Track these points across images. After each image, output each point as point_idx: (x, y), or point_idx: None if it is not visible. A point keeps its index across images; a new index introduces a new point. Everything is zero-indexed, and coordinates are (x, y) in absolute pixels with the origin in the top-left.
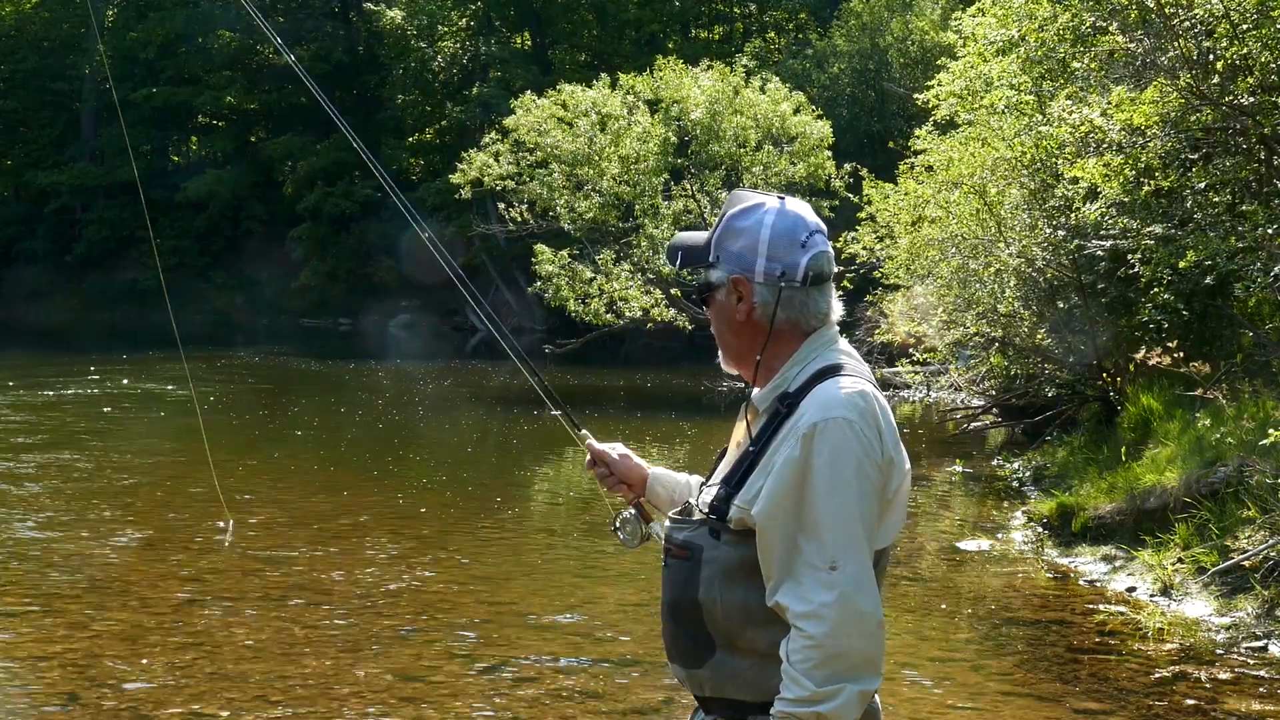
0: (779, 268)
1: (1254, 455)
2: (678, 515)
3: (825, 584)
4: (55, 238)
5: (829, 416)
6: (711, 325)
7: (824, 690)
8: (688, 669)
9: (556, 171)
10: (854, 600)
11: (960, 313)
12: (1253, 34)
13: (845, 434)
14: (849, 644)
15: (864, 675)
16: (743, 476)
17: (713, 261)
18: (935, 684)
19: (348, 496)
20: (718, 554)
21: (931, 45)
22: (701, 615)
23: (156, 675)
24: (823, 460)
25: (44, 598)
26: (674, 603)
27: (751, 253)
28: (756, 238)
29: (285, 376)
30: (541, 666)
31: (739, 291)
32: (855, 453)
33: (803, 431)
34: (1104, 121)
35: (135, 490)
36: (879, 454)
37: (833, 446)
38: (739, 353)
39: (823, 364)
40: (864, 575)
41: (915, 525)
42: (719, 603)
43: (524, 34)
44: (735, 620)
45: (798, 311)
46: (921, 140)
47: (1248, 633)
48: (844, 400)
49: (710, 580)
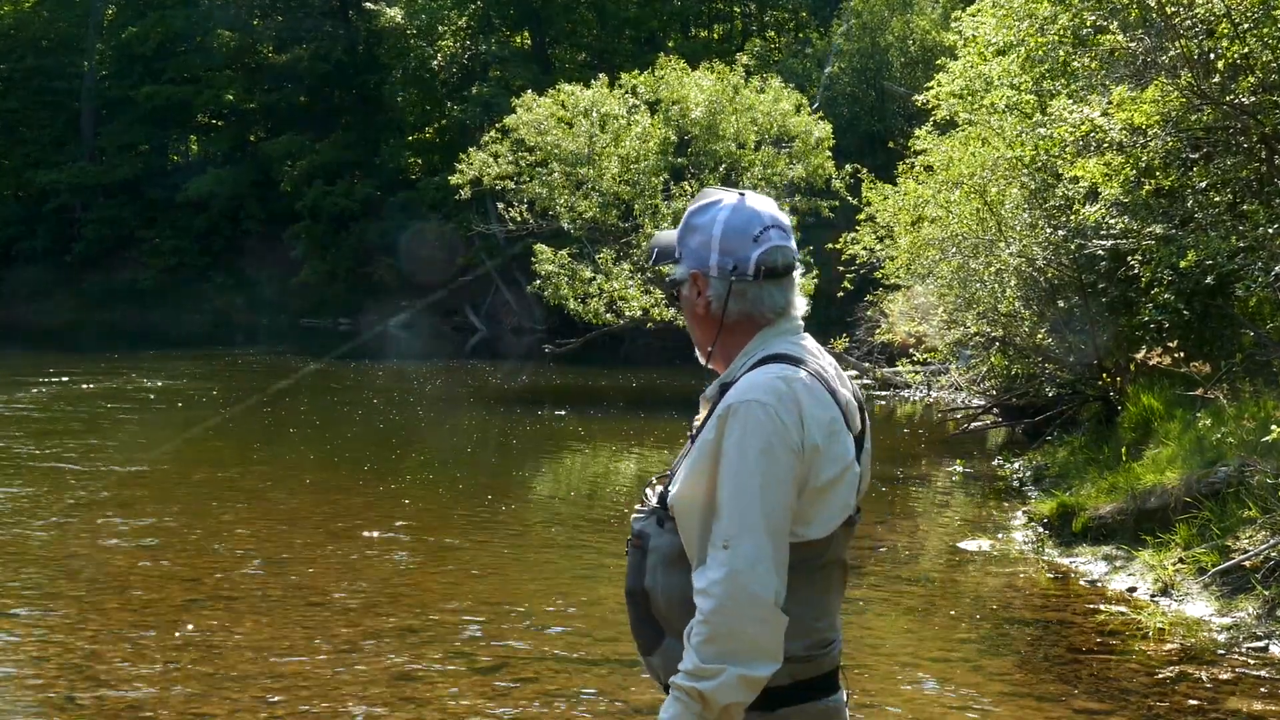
0: (731, 261)
1: (1255, 455)
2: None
3: (718, 562)
4: (55, 237)
5: (743, 399)
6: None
7: (707, 668)
8: (644, 656)
9: (556, 171)
10: (743, 580)
11: (960, 312)
12: (1254, 33)
13: (756, 415)
14: (735, 624)
15: (750, 659)
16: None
17: (677, 258)
18: (935, 684)
19: (347, 496)
20: (661, 542)
21: (932, 45)
22: (649, 602)
23: (156, 675)
24: (731, 441)
25: (44, 598)
26: (629, 591)
27: (706, 248)
28: (710, 233)
29: (285, 376)
30: (541, 666)
31: (698, 286)
32: (764, 435)
33: (719, 413)
34: (1104, 121)
35: (135, 490)
36: (795, 440)
37: (742, 427)
38: (701, 346)
39: (765, 353)
40: (759, 556)
41: (915, 525)
42: (663, 591)
43: (524, 33)
44: (677, 607)
45: (750, 304)
46: (921, 140)
47: (1248, 633)
48: (763, 385)
49: (654, 568)
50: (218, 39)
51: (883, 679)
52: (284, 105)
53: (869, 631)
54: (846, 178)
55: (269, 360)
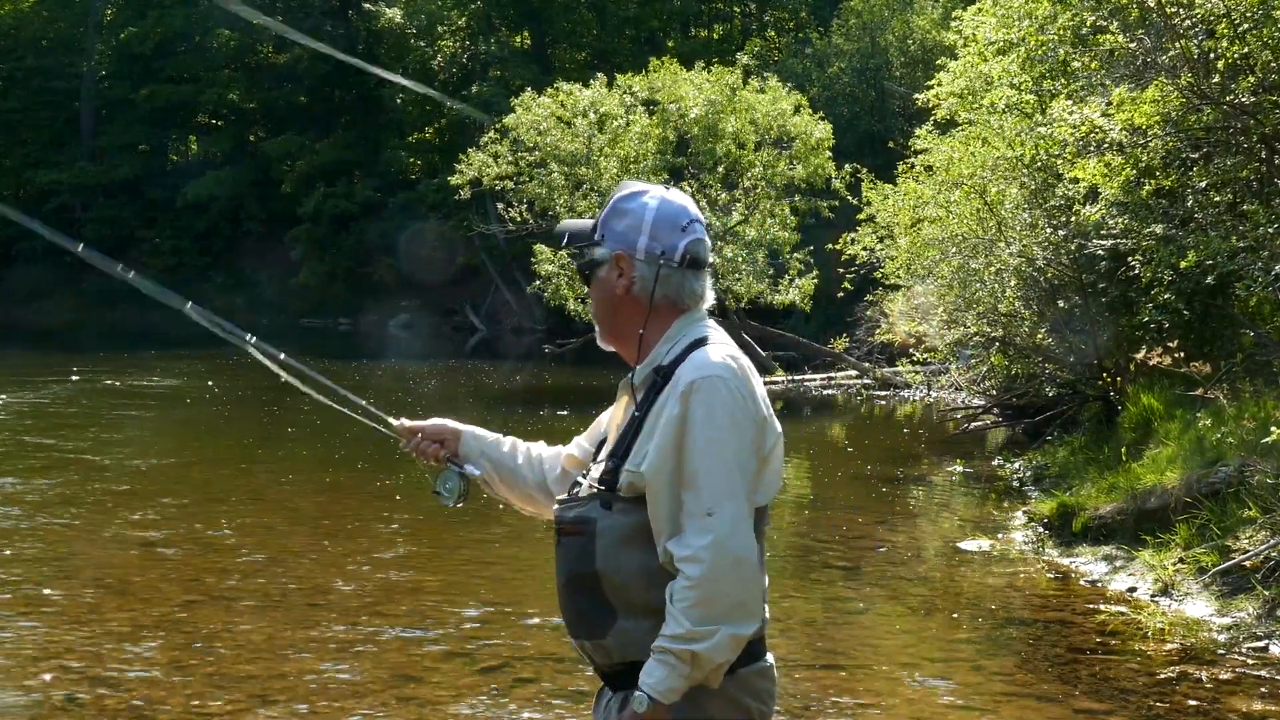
0: (659, 247)
1: (1255, 455)
2: (565, 498)
3: (702, 529)
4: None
5: (704, 375)
6: (590, 304)
7: (700, 630)
8: (593, 640)
9: (556, 171)
10: (728, 544)
11: (960, 312)
12: (1253, 33)
13: (720, 390)
14: (724, 587)
15: (738, 619)
16: (628, 446)
17: (598, 240)
18: (935, 684)
19: (346, 496)
20: (611, 523)
21: (932, 45)
22: (600, 584)
23: (156, 675)
24: (699, 415)
25: (44, 598)
26: (571, 577)
27: (635, 231)
28: (640, 218)
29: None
30: (541, 666)
31: (620, 267)
32: (729, 407)
33: (680, 390)
34: (1104, 121)
35: (135, 489)
36: (753, 411)
37: (708, 401)
38: (614, 328)
39: (692, 338)
40: (739, 520)
41: (915, 525)
42: (619, 570)
43: (524, 33)
44: (636, 584)
45: (674, 290)
46: (921, 140)
47: (1248, 633)
48: (717, 362)
49: (606, 550)
50: (217, 38)
51: (883, 679)
52: (284, 105)
53: (869, 631)
54: (846, 178)
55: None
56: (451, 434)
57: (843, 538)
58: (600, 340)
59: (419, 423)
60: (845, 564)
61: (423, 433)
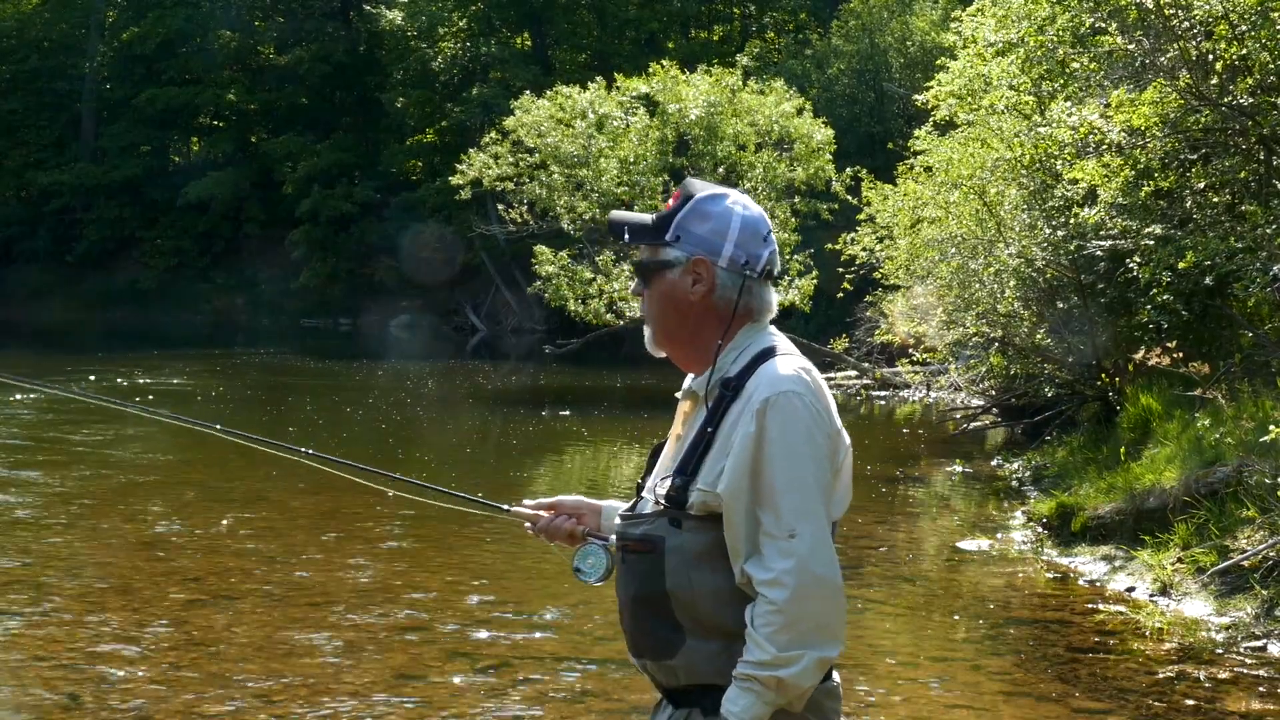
0: (744, 256)
1: (1253, 455)
2: (628, 513)
3: (784, 551)
4: (55, 238)
5: (779, 391)
6: (646, 305)
7: (785, 655)
8: (659, 661)
9: (556, 172)
10: (811, 566)
11: (960, 313)
12: (1252, 35)
13: (796, 406)
14: (809, 609)
15: (823, 641)
16: (698, 462)
17: (670, 240)
18: (935, 684)
19: (346, 496)
20: (681, 542)
21: (931, 46)
22: (671, 605)
23: (156, 675)
24: (776, 433)
25: (44, 598)
26: (639, 597)
27: (719, 237)
28: (726, 224)
29: (285, 376)
30: (541, 667)
31: (697, 272)
32: (806, 424)
33: (755, 407)
34: (1103, 123)
35: (136, 489)
36: (827, 425)
37: (785, 419)
38: (676, 334)
39: (760, 347)
40: (821, 541)
41: (915, 525)
42: (689, 590)
43: (524, 34)
44: (706, 604)
45: (756, 302)
46: (921, 141)
47: (1247, 632)
48: (791, 376)
49: (677, 569)
50: (219, 40)
51: (883, 679)
52: (285, 106)
53: (869, 631)
54: (847, 180)
55: (269, 360)
56: (590, 509)
57: (842, 537)
58: (653, 343)
59: (547, 500)
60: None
61: (556, 509)
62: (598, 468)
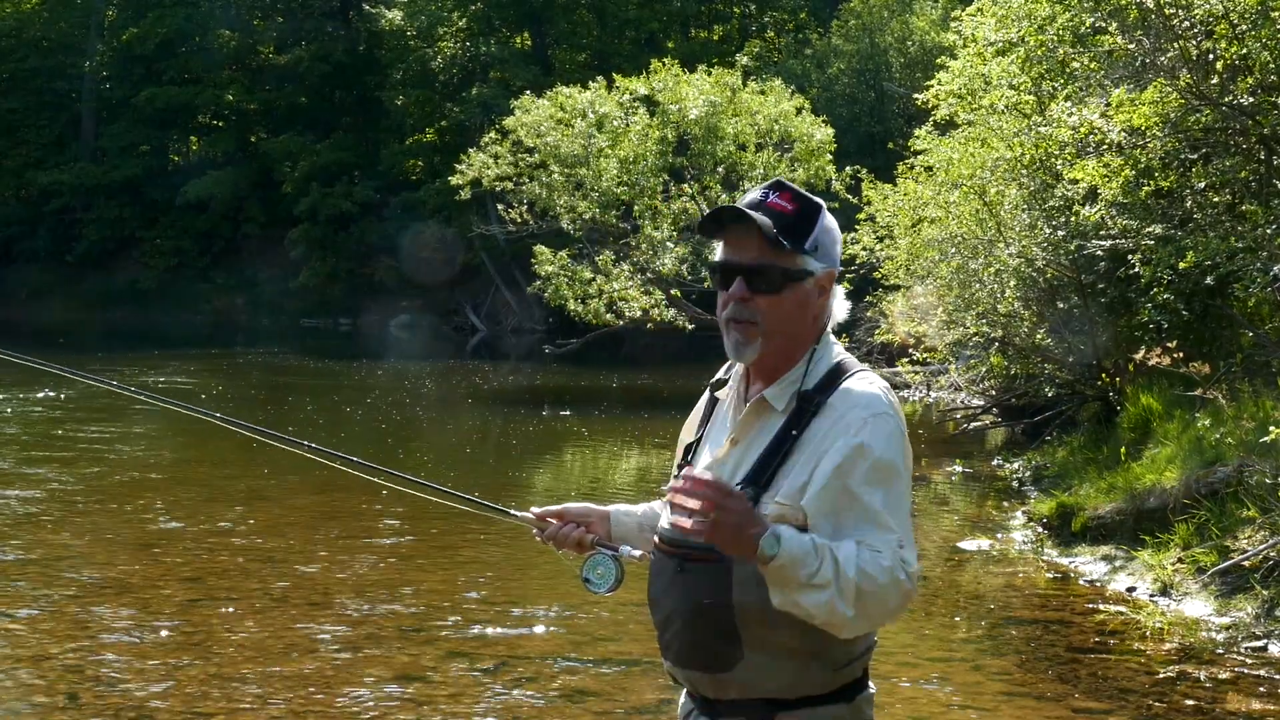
0: (839, 269)
1: (1254, 455)
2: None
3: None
4: (55, 238)
5: (875, 413)
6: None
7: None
8: (714, 674)
9: (556, 172)
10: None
11: (960, 313)
12: (1252, 34)
13: (891, 428)
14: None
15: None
16: (773, 474)
17: (810, 249)
18: (935, 684)
19: (346, 496)
20: None
21: (931, 45)
22: (734, 617)
23: (156, 675)
24: (876, 453)
25: (44, 598)
26: (699, 608)
27: (836, 251)
28: (837, 239)
29: (285, 376)
30: (541, 666)
31: (823, 285)
32: (900, 444)
33: (852, 427)
34: (1103, 122)
35: (135, 489)
36: (908, 442)
37: (883, 441)
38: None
39: (833, 361)
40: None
41: (915, 525)
42: (757, 603)
43: (524, 34)
44: (772, 619)
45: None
46: (921, 141)
47: (1247, 632)
48: (877, 395)
49: (745, 581)
50: (218, 39)
51: (883, 679)
52: (284, 106)
53: None
54: (847, 179)
55: (269, 360)
56: (599, 516)
57: None
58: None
59: (554, 507)
60: None
61: (564, 517)
62: (598, 468)
